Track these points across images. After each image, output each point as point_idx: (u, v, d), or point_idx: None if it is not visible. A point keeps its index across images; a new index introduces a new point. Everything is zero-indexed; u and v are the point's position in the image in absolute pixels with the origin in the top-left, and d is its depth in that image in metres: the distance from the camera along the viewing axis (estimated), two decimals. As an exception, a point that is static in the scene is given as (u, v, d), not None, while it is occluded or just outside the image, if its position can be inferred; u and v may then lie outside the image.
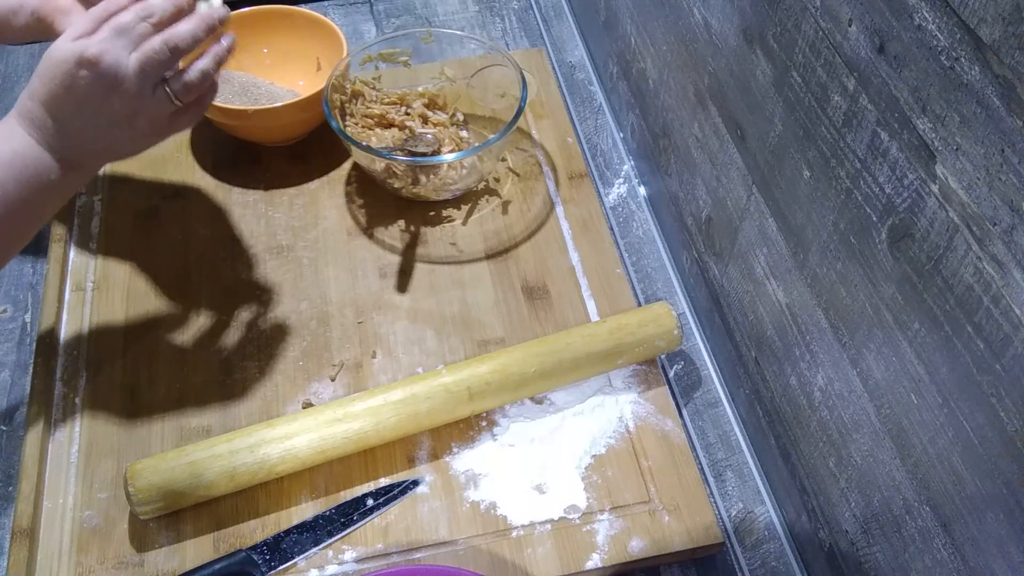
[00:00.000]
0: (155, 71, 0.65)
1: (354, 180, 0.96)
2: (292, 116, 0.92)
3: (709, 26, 0.72)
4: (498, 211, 0.94)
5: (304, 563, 0.70)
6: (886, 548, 0.59)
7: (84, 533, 0.72)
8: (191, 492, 0.70)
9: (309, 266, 0.89)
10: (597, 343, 0.77)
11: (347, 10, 1.18)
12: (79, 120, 0.65)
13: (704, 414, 0.82)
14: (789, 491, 0.73)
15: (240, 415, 0.78)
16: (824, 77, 0.56)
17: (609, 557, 0.70)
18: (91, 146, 0.67)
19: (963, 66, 0.43)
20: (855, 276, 0.56)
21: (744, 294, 0.75)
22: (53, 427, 0.78)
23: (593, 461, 0.75)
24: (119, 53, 0.63)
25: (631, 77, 0.96)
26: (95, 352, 0.82)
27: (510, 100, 0.93)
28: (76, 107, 0.64)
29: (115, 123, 0.66)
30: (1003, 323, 0.43)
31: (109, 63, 0.63)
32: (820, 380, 0.64)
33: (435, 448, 0.76)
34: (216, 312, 0.85)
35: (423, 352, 0.83)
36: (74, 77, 0.63)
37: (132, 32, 0.64)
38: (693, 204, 0.83)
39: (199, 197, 0.95)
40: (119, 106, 0.65)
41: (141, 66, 0.64)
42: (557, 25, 1.17)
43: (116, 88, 0.64)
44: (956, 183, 0.45)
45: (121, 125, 0.66)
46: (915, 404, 0.52)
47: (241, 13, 0.99)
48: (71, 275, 0.88)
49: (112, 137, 0.67)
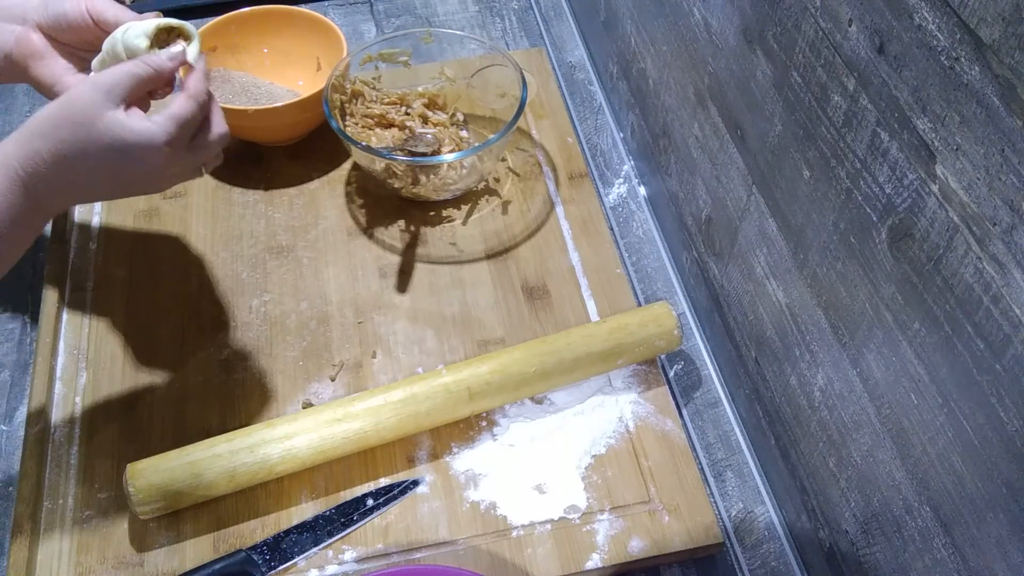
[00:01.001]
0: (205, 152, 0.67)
1: (354, 180, 0.97)
2: (292, 116, 0.92)
3: (709, 26, 0.72)
4: (498, 211, 0.94)
5: (304, 563, 0.70)
6: (886, 548, 0.59)
7: (84, 533, 0.72)
8: (191, 492, 0.70)
9: (309, 266, 0.89)
10: (597, 343, 0.77)
11: (347, 10, 1.18)
12: (95, 186, 0.64)
13: (704, 414, 0.82)
14: (789, 491, 0.73)
15: (240, 415, 0.78)
16: (824, 77, 0.56)
17: (609, 557, 0.70)
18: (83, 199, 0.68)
19: (963, 66, 0.43)
20: (855, 276, 0.56)
21: (744, 294, 0.75)
22: (53, 427, 0.78)
23: (593, 461, 0.75)
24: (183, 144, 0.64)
25: (631, 77, 0.96)
26: (95, 352, 0.82)
27: (510, 100, 0.93)
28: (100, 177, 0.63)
29: (133, 190, 0.66)
30: (1003, 323, 0.43)
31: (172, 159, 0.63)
32: (820, 380, 0.64)
33: (435, 448, 0.76)
34: (216, 312, 0.85)
35: (423, 352, 0.83)
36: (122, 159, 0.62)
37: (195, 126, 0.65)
38: (693, 204, 0.83)
39: (199, 197, 0.95)
40: (153, 184, 0.66)
41: (198, 160, 0.66)
42: (557, 25, 1.16)
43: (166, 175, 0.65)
44: (956, 183, 0.45)
45: (137, 190, 0.67)
46: (915, 404, 0.52)
47: (241, 13, 0.99)
48: (71, 275, 0.88)
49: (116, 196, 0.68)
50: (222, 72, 0.99)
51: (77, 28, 0.69)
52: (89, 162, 0.61)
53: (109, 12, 0.68)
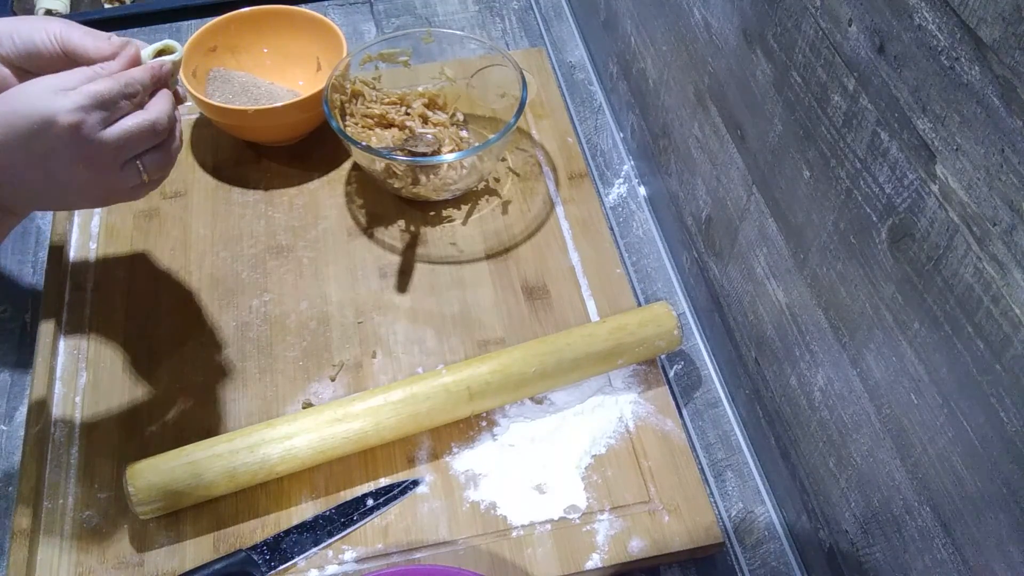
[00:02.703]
0: (132, 150, 0.62)
1: (354, 180, 0.97)
2: (292, 116, 0.92)
3: (709, 26, 0.72)
4: (498, 211, 0.94)
5: (304, 563, 0.70)
6: (886, 548, 0.59)
7: (84, 533, 0.72)
8: (191, 492, 0.70)
9: (309, 266, 0.89)
10: (597, 343, 0.77)
11: (347, 10, 1.18)
12: (29, 173, 0.60)
13: (704, 414, 0.82)
14: (789, 491, 0.73)
15: (240, 415, 0.78)
16: (824, 77, 0.56)
17: (609, 557, 0.70)
18: (32, 199, 0.63)
19: (963, 66, 0.43)
20: (855, 276, 0.56)
21: (744, 294, 0.75)
22: (53, 427, 0.78)
23: (593, 461, 0.75)
24: (95, 126, 0.59)
25: (631, 77, 0.96)
26: (95, 352, 0.82)
27: (510, 100, 0.93)
28: (30, 162, 0.59)
29: (68, 185, 0.62)
30: (1003, 323, 0.43)
31: (84, 135, 0.59)
32: (820, 380, 0.64)
33: (435, 448, 0.76)
34: (216, 312, 0.85)
35: (423, 352, 0.83)
36: (39, 135, 0.58)
37: (113, 106, 0.60)
38: (693, 204, 0.83)
39: (199, 197, 0.95)
40: (81, 174, 0.61)
41: (118, 143, 0.61)
42: (557, 25, 1.16)
43: (84, 159, 0.60)
44: (956, 183, 0.45)
45: (76, 188, 0.62)
46: (915, 404, 0.52)
47: (241, 13, 0.99)
48: (71, 275, 0.88)
49: (60, 196, 0.63)
50: (222, 72, 0.99)
51: (48, 59, 0.64)
52: (6, 141, 0.58)
53: (89, 44, 0.63)
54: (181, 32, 1.14)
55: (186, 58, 0.94)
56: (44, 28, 0.64)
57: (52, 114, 0.58)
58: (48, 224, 0.93)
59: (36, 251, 0.93)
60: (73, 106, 0.58)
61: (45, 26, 0.64)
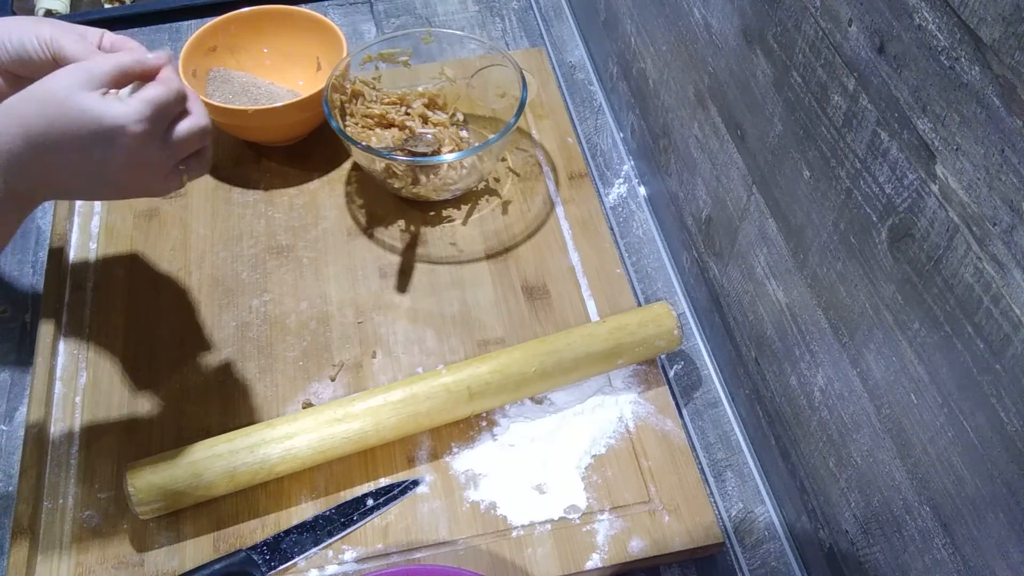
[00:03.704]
0: (184, 154, 0.63)
1: (354, 180, 0.97)
2: (292, 116, 0.92)
3: (709, 26, 0.72)
4: (498, 211, 0.94)
5: (304, 563, 0.70)
6: (886, 548, 0.59)
7: (84, 533, 0.72)
8: (191, 492, 0.70)
9: (309, 266, 0.89)
10: (597, 343, 0.77)
11: (347, 10, 1.18)
12: (78, 174, 0.60)
13: (704, 414, 0.82)
14: (789, 491, 0.73)
15: (240, 415, 0.78)
16: (824, 77, 0.56)
17: (609, 557, 0.70)
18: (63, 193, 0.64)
19: (963, 66, 0.43)
20: (855, 276, 0.56)
21: (744, 294, 0.75)
22: (53, 427, 0.78)
23: (593, 461, 0.75)
24: (159, 133, 0.60)
25: (631, 77, 0.96)
26: (95, 352, 0.82)
27: (510, 100, 0.93)
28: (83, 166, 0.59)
29: (114, 184, 0.62)
30: (1003, 323, 0.43)
31: (150, 143, 0.60)
32: (820, 380, 0.64)
33: (435, 448, 0.76)
34: (216, 312, 0.85)
35: (423, 352, 0.83)
36: (104, 143, 0.58)
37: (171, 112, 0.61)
38: (693, 204, 0.83)
39: (199, 197, 0.95)
40: (133, 176, 0.62)
41: (176, 149, 0.62)
42: (557, 25, 1.17)
43: (143, 164, 0.61)
44: (956, 183, 0.45)
45: (118, 187, 0.63)
46: (915, 404, 0.52)
47: (241, 13, 0.99)
48: (71, 275, 0.88)
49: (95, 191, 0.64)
50: (222, 72, 0.99)
51: (39, 66, 0.64)
52: (59, 142, 0.58)
53: (80, 52, 0.63)
54: (181, 32, 1.14)
55: (186, 58, 0.95)
56: (36, 34, 0.64)
57: (121, 124, 0.58)
58: (48, 224, 0.93)
59: (36, 251, 0.93)
60: (139, 116, 0.59)
61: (37, 32, 0.64)
